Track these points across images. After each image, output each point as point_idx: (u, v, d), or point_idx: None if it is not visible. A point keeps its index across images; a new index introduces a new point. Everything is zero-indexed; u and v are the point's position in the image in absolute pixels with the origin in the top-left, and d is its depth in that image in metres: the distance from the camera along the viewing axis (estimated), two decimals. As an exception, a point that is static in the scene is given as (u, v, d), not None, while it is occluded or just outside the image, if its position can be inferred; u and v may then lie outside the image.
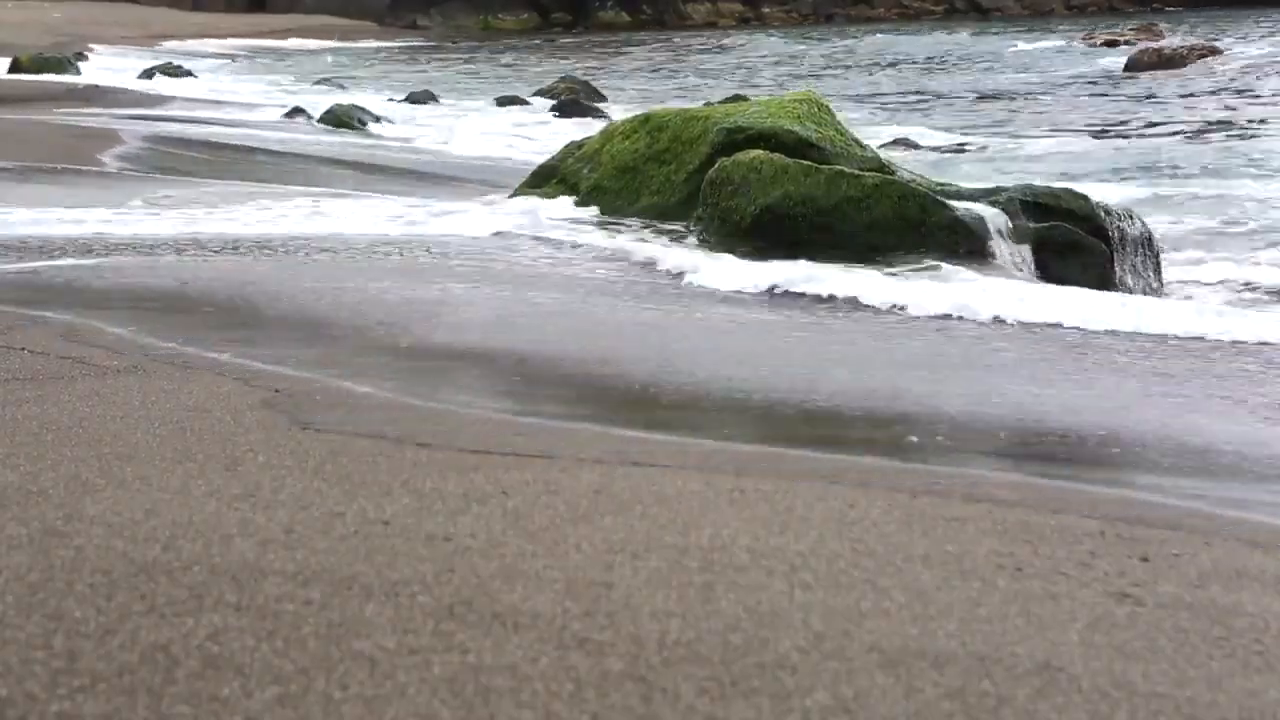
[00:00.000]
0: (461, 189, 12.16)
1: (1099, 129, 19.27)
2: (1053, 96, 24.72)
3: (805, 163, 8.57)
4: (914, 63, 35.64)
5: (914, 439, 4.27)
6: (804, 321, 6.51)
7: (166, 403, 4.00)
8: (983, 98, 25.10)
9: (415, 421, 3.94)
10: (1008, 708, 2.20)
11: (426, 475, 3.33)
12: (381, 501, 3.09)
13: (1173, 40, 34.28)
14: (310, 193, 10.67)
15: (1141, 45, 32.14)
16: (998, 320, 6.54)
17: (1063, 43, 38.35)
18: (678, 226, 9.08)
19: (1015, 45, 39.25)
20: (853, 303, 6.92)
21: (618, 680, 2.21)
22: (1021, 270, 8.02)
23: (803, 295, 7.11)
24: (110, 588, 2.50)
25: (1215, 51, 29.75)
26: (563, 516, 3.04)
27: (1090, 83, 26.84)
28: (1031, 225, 8.21)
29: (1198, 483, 3.92)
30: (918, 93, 26.93)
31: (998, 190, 8.73)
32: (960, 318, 6.58)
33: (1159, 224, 9.74)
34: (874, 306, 6.85)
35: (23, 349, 4.64)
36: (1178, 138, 18.00)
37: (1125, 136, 18.40)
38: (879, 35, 48.31)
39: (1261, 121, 18.99)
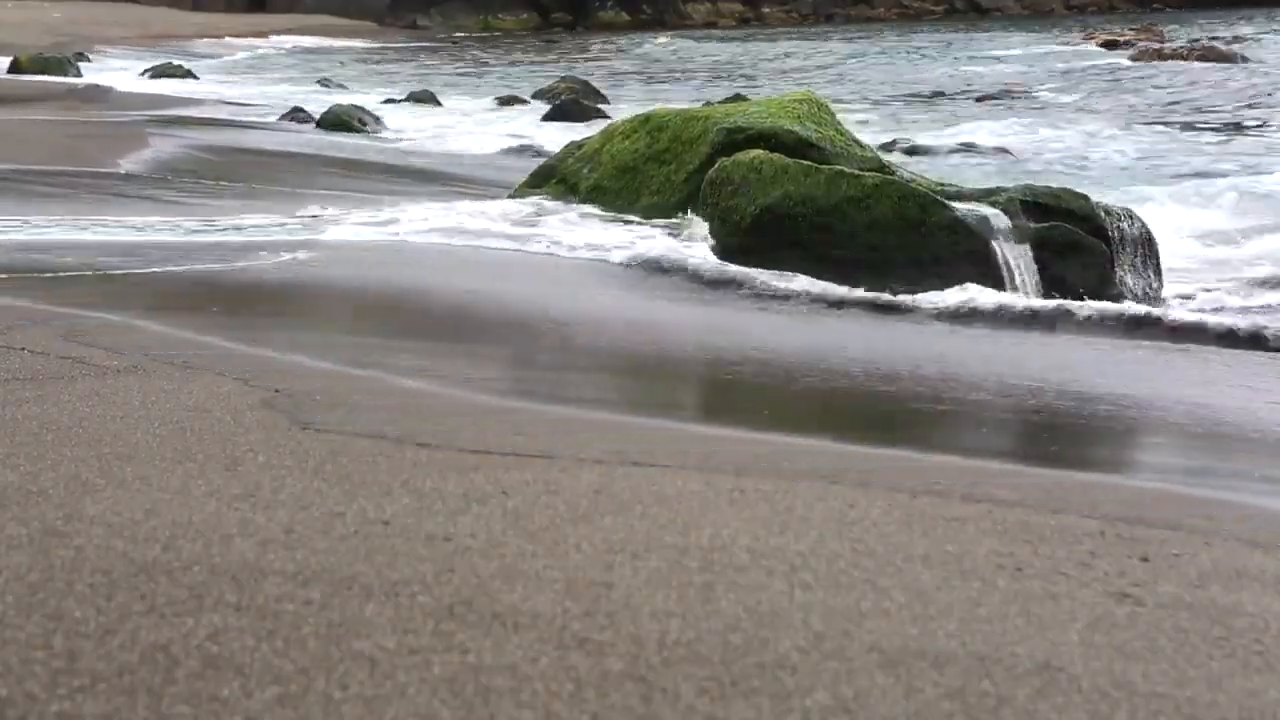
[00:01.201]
0: (469, 189, 12.17)
1: (1103, 128, 19.26)
2: (1052, 96, 24.72)
3: (805, 163, 8.57)
4: (913, 62, 35.63)
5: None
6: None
7: (166, 403, 4.00)
8: (984, 98, 25.09)
9: (415, 421, 3.94)
10: (1008, 708, 2.19)
11: (426, 475, 3.33)
12: (381, 501, 3.09)
13: (1173, 40, 34.27)
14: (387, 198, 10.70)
15: (1142, 45, 32.15)
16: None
17: (1062, 42, 38.33)
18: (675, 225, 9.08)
19: (1015, 45, 39.24)
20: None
21: (618, 680, 2.21)
22: (1022, 276, 8.02)
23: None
24: (110, 588, 2.50)
25: (1216, 51, 29.76)
26: (563, 516, 3.04)
27: (1092, 82, 26.84)
28: (1032, 225, 8.22)
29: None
30: (917, 94, 26.91)
31: (997, 190, 8.73)
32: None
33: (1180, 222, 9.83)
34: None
35: (23, 349, 4.64)
36: (1188, 137, 18.00)
37: (1131, 135, 18.39)
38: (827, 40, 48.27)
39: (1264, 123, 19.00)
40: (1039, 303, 7.69)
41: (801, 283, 7.87)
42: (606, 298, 7.51)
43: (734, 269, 8.09)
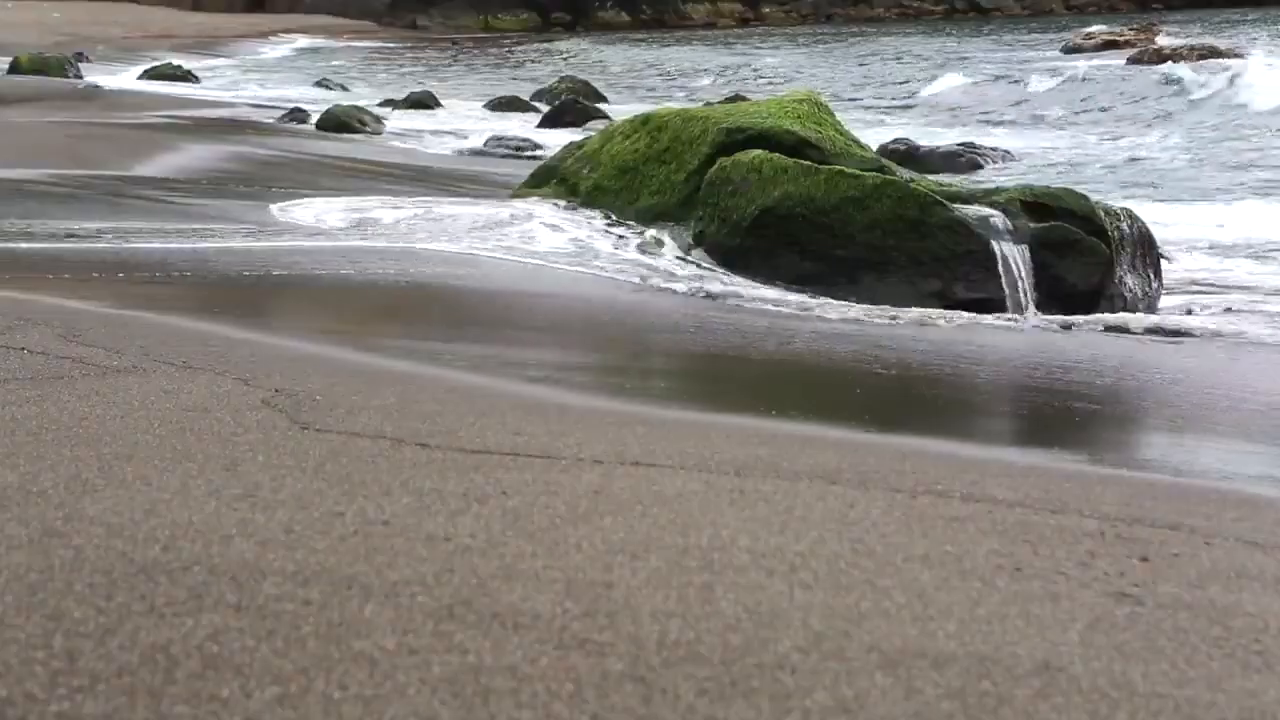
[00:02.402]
0: (472, 189, 12.19)
1: (1104, 133, 19.25)
2: (1051, 96, 24.70)
3: (805, 163, 8.58)
4: (911, 63, 35.62)
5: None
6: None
7: (166, 403, 3.99)
8: (984, 100, 25.08)
9: (415, 421, 3.93)
10: (1008, 708, 2.19)
11: (426, 475, 3.33)
12: (381, 501, 3.09)
13: (1173, 40, 34.26)
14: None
15: (1142, 45, 32.14)
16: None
17: (1062, 43, 38.34)
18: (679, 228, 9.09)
19: (1013, 45, 39.23)
20: None
21: (618, 680, 2.21)
22: (1022, 276, 8.02)
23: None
24: (110, 588, 2.49)
25: (1216, 51, 29.74)
26: (563, 516, 3.04)
27: (1092, 82, 26.84)
28: (1031, 225, 8.22)
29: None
30: (916, 94, 26.91)
31: (998, 190, 8.73)
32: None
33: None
34: None
35: (23, 349, 4.64)
36: (1193, 138, 18.00)
37: (1128, 139, 18.38)
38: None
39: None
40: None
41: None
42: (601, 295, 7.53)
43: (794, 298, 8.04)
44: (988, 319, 7.57)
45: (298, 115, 19.94)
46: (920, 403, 5.43)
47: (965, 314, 7.62)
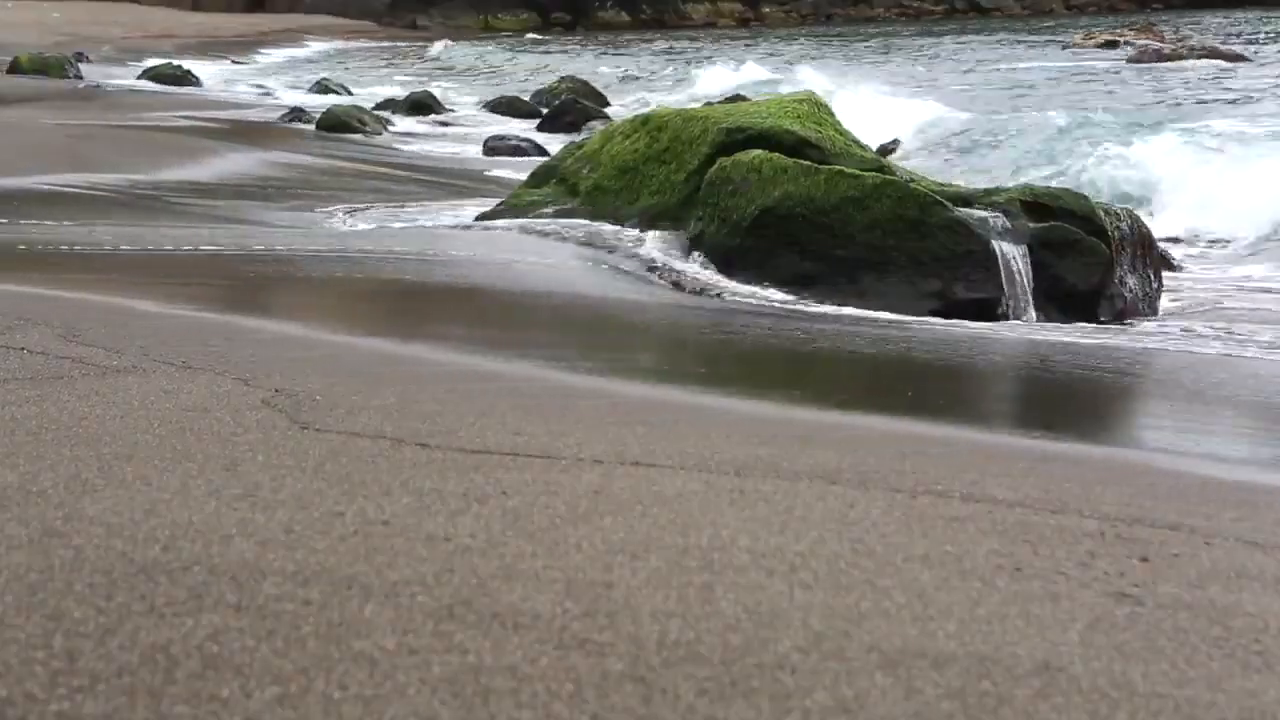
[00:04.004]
0: (472, 189, 12.21)
1: (1105, 129, 19.22)
2: (1052, 96, 24.71)
3: (805, 163, 8.58)
4: (911, 62, 35.62)
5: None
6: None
7: (166, 403, 3.99)
8: (988, 101, 25.07)
9: (415, 421, 3.93)
10: (1008, 708, 2.19)
11: (426, 475, 3.32)
12: (381, 501, 3.09)
13: (1172, 40, 34.26)
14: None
15: (1141, 45, 32.15)
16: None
17: (1062, 43, 38.34)
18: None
19: (1013, 45, 39.24)
20: None
21: (618, 680, 2.21)
22: (1022, 276, 8.02)
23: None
24: (110, 588, 2.49)
25: (1218, 51, 29.76)
26: (563, 516, 3.04)
27: (1093, 83, 26.85)
28: (1031, 225, 8.22)
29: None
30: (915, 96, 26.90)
31: (998, 190, 8.74)
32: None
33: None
34: None
35: (23, 349, 4.64)
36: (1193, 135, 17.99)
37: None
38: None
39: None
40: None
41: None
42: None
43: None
44: (987, 320, 7.58)
45: (299, 115, 19.97)
46: (920, 402, 5.43)
47: (964, 318, 7.64)
